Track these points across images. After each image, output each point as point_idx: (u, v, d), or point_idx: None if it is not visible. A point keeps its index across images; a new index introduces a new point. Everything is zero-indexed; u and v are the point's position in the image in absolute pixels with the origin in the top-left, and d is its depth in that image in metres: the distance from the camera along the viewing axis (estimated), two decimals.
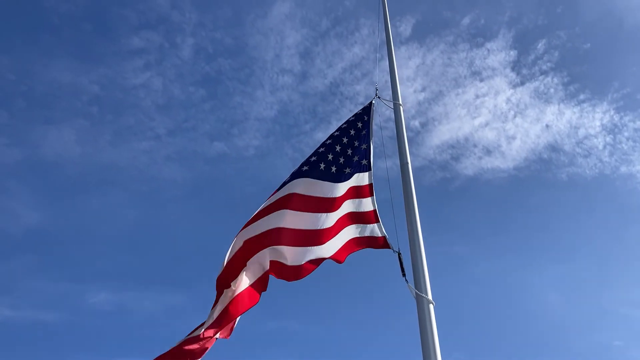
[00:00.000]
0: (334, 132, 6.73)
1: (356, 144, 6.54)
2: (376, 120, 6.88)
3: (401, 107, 6.92)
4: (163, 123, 23.42)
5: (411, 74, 23.15)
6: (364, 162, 6.43)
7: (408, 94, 22.59)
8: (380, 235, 5.82)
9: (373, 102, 7.21)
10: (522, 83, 23.70)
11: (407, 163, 6.19)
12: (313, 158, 6.44)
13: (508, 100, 23.70)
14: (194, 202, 23.65)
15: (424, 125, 23.69)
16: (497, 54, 23.56)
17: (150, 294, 20.81)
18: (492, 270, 22.48)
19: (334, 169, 6.34)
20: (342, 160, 6.46)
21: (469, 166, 23.71)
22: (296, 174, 6.24)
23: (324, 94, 23.96)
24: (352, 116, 7.10)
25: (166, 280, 20.56)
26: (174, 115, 23.74)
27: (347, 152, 6.46)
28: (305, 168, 6.29)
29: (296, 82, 24.08)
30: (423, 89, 23.60)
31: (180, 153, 23.88)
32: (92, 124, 23.12)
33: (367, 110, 7.13)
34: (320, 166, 6.33)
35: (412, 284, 5.28)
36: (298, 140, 24.11)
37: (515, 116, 23.77)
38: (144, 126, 23.36)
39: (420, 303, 5.12)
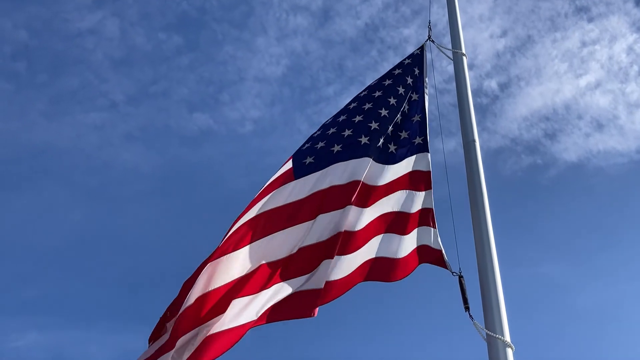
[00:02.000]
0: (368, 88, 5.06)
1: (398, 115, 4.84)
2: (429, 79, 5.19)
3: (465, 57, 5.18)
4: (120, 86, 16.05)
5: (486, 11, 15.51)
6: (419, 140, 4.70)
7: (481, 40, 15.38)
8: (436, 247, 4.24)
9: (425, 47, 5.44)
10: None
11: (474, 141, 4.55)
12: (332, 130, 4.80)
13: (630, 49, 15.98)
14: (164, 200, 16.17)
15: (504, 87, 16.24)
16: None
17: (97, 335, 13.71)
18: (601, 301, 15.13)
19: (381, 141, 4.65)
20: (383, 133, 4.73)
21: (570, 147, 16.29)
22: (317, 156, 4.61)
23: (356, 42, 16.44)
24: (395, 67, 5.37)
25: (122, 315, 13.76)
26: (136, 75, 16.30)
27: (387, 125, 4.77)
28: (323, 145, 4.66)
29: (315, 25, 16.37)
30: (504, 34, 16.14)
31: (145, 129, 16.34)
32: (17, 88, 15.74)
33: (418, 60, 5.37)
34: (351, 139, 4.66)
35: (480, 321, 3.85)
36: (316, 110, 16.36)
37: None
38: (92, 90, 15.92)
39: (494, 347, 3.73)
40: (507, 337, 3.72)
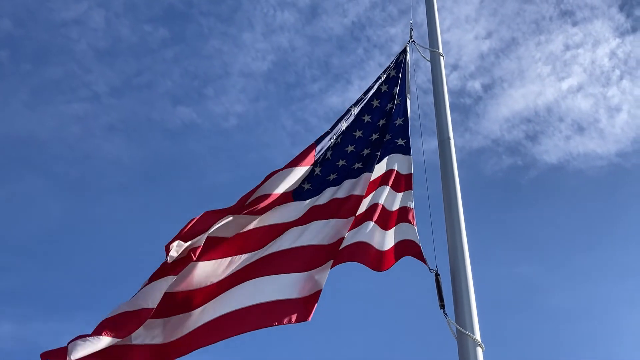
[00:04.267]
0: (357, 108, 5.04)
1: (381, 122, 4.90)
2: (412, 79, 5.18)
3: (442, 58, 5.18)
4: (104, 77, 15.84)
5: (472, 13, 15.50)
6: (401, 141, 4.77)
7: (466, 41, 15.29)
8: (415, 240, 4.27)
9: (407, 49, 5.46)
10: (635, 30, 16.00)
11: (449, 139, 4.55)
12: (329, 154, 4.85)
13: (612, 54, 16.11)
14: (145, 193, 16.04)
15: (487, 88, 16.13)
16: None
17: (74, 327, 14.60)
18: (576, 302, 15.17)
19: (358, 165, 4.80)
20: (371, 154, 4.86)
21: (551, 149, 16.27)
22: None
23: (342, 40, 16.37)
24: (382, 73, 5.40)
25: (99, 308, 13.71)
26: (120, 66, 16.07)
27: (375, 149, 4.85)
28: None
29: (302, 21, 16.32)
30: (489, 35, 16.11)
31: (128, 121, 16.10)
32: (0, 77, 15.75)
33: (400, 65, 5.39)
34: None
35: (452, 318, 3.83)
36: (301, 107, 16.44)
37: (621, 78, 16.13)
38: (76, 81, 15.64)
39: (464, 344, 3.70)
40: (478, 336, 3.71)
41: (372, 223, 4.43)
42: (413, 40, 5.48)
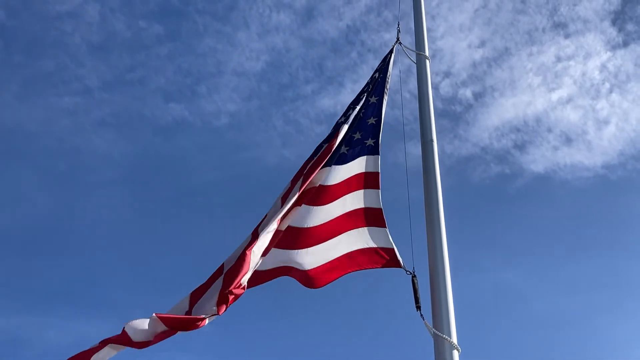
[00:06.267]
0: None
1: (361, 114, 4.89)
2: (406, 84, 5.20)
3: (428, 60, 5.19)
4: (97, 71, 15.87)
5: (466, 21, 15.49)
6: (370, 142, 4.74)
7: (459, 49, 15.26)
8: (387, 246, 4.24)
9: (393, 51, 5.48)
10: (626, 44, 16.07)
11: (432, 141, 4.54)
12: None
13: (603, 67, 16.35)
14: (133, 189, 16.00)
15: (478, 96, 16.13)
16: (593, 0, 16.46)
17: (56, 320, 13.59)
18: (558, 310, 15.22)
19: (343, 148, 4.81)
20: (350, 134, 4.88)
21: (538, 159, 16.45)
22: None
23: (337, 43, 16.39)
24: (374, 71, 5.44)
25: (82, 301, 13.75)
26: (113, 61, 16.11)
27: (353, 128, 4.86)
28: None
29: (297, 23, 16.35)
30: (482, 44, 16.09)
31: (119, 116, 16.06)
32: None
33: (383, 64, 5.42)
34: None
35: (429, 320, 3.81)
36: (293, 108, 16.55)
37: (611, 91, 16.43)
38: (68, 74, 15.63)
39: (440, 347, 3.68)
40: (454, 339, 3.69)
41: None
42: (400, 42, 5.49)
